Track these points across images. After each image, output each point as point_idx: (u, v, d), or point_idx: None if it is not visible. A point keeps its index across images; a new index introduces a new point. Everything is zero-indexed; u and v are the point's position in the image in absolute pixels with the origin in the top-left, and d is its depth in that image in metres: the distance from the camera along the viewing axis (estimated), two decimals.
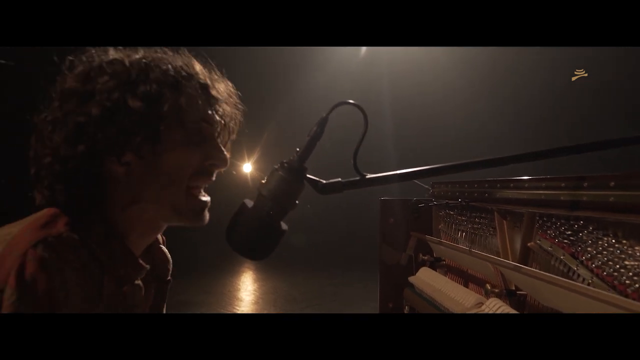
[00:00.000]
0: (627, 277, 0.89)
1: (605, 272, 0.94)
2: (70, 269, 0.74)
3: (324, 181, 0.86)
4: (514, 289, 1.23)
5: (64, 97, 0.84)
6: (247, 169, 12.98)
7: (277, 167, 0.84)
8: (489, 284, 1.29)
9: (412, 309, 1.83)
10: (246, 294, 7.04)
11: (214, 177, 0.94)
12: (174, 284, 1.04)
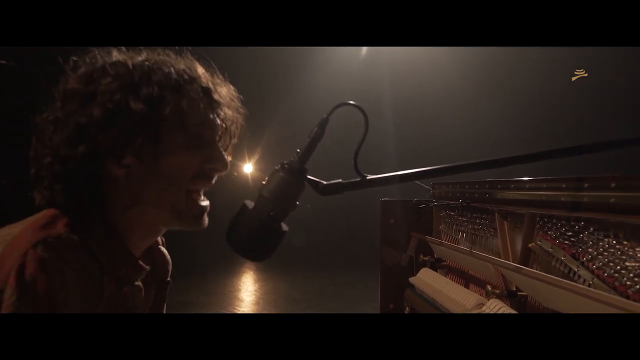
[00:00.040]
0: (628, 279, 0.88)
1: (606, 274, 0.94)
2: (70, 269, 0.74)
3: (324, 182, 0.86)
4: (514, 290, 1.23)
5: (66, 97, 0.84)
6: (248, 169, 12.99)
7: (278, 168, 0.84)
8: (489, 285, 1.29)
9: (412, 309, 1.83)
10: (247, 294, 7.04)
11: (213, 181, 0.94)
12: (174, 285, 1.04)
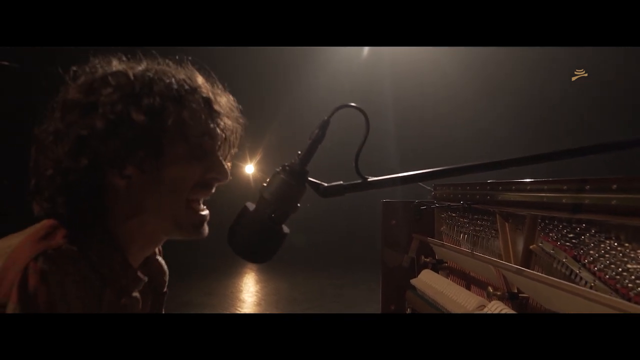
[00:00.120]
0: (629, 281, 0.88)
1: (607, 275, 0.93)
2: (70, 281, 0.73)
3: (325, 184, 0.86)
4: (516, 292, 1.23)
5: (67, 108, 0.84)
6: (250, 170, 12.99)
7: (279, 170, 0.84)
8: (491, 287, 1.29)
9: (414, 311, 1.83)
10: (248, 295, 7.04)
11: (213, 190, 0.94)
12: (176, 286, 1.04)
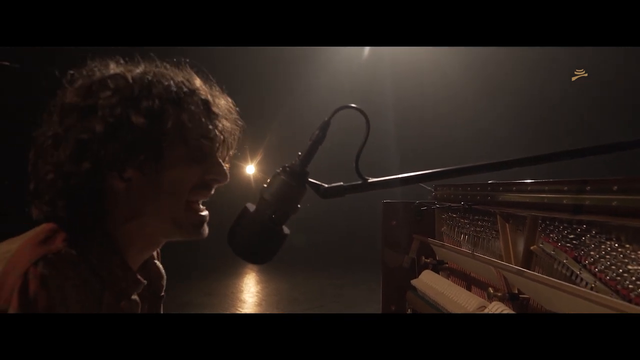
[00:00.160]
0: (630, 282, 0.88)
1: (608, 277, 0.93)
2: (70, 285, 0.73)
3: (325, 185, 0.86)
4: (516, 293, 1.23)
5: (65, 111, 0.83)
6: (250, 170, 12.99)
7: (279, 171, 0.83)
8: (491, 288, 1.29)
9: (414, 311, 1.83)
10: (249, 295, 7.04)
11: (212, 191, 0.94)
12: (176, 286, 1.04)
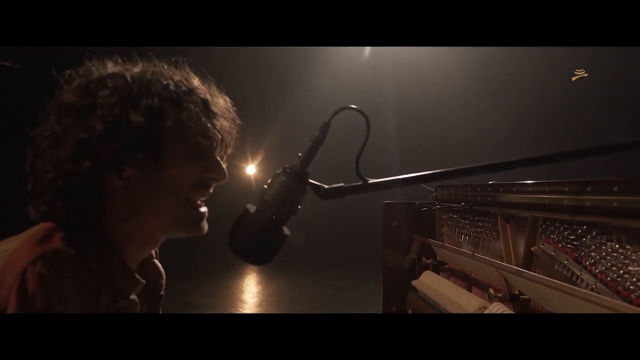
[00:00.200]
0: (631, 283, 0.88)
1: (609, 278, 0.93)
2: (68, 284, 0.73)
3: (325, 186, 0.86)
4: (517, 294, 1.23)
5: (62, 111, 0.83)
6: (251, 170, 12.99)
7: (280, 172, 0.83)
8: (492, 288, 1.28)
9: (415, 312, 1.83)
10: (250, 296, 7.04)
11: (211, 190, 0.94)
12: (177, 287, 1.04)
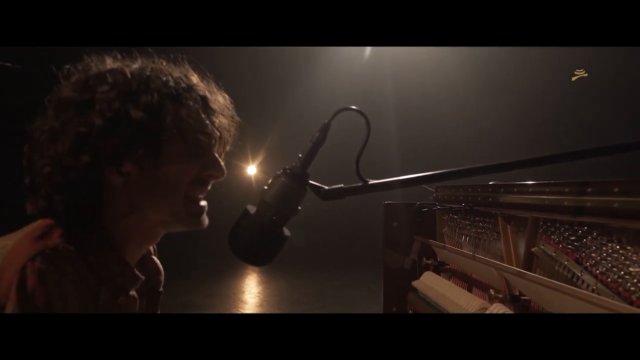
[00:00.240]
0: (631, 284, 0.88)
1: (609, 279, 0.93)
2: (68, 281, 0.73)
3: (326, 187, 0.86)
4: (518, 295, 1.23)
5: (60, 106, 0.83)
6: (252, 171, 12.99)
7: (280, 173, 0.83)
8: (492, 289, 1.28)
9: (415, 313, 1.83)
10: (250, 296, 7.04)
11: (209, 187, 0.94)
12: (178, 286, 1.04)
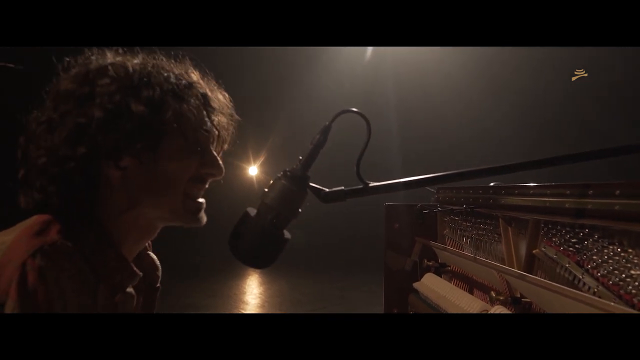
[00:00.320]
0: (633, 287, 0.87)
1: (610, 281, 0.93)
2: (66, 277, 0.73)
3: (326, 189, 0.86)
4: (519, 297, 1.22)
5: (60, 97, 0.83)
6: (253, 172, 12.98)
7: (280, 176, 0.83)
8: (493, 291, 1.28)
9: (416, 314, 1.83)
10: (252, 297, 7.04)
11: (207, 185, 0.94)
12: (179, 287, 1.04)
